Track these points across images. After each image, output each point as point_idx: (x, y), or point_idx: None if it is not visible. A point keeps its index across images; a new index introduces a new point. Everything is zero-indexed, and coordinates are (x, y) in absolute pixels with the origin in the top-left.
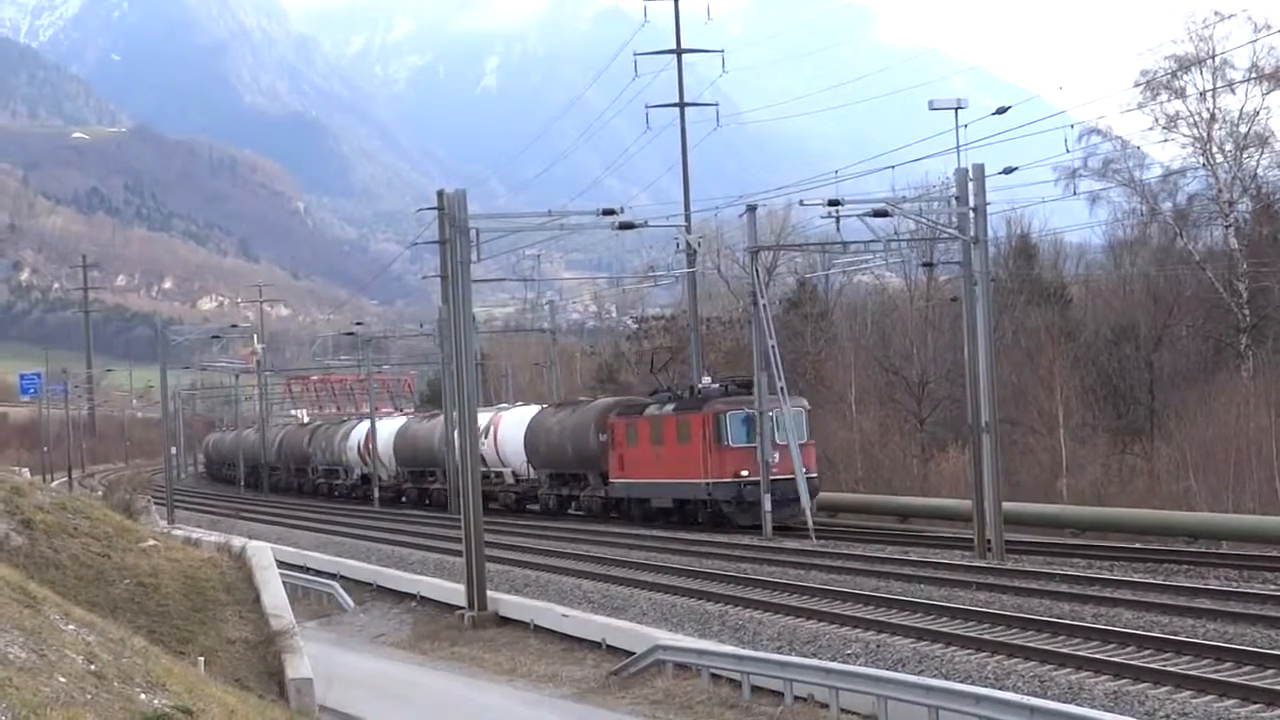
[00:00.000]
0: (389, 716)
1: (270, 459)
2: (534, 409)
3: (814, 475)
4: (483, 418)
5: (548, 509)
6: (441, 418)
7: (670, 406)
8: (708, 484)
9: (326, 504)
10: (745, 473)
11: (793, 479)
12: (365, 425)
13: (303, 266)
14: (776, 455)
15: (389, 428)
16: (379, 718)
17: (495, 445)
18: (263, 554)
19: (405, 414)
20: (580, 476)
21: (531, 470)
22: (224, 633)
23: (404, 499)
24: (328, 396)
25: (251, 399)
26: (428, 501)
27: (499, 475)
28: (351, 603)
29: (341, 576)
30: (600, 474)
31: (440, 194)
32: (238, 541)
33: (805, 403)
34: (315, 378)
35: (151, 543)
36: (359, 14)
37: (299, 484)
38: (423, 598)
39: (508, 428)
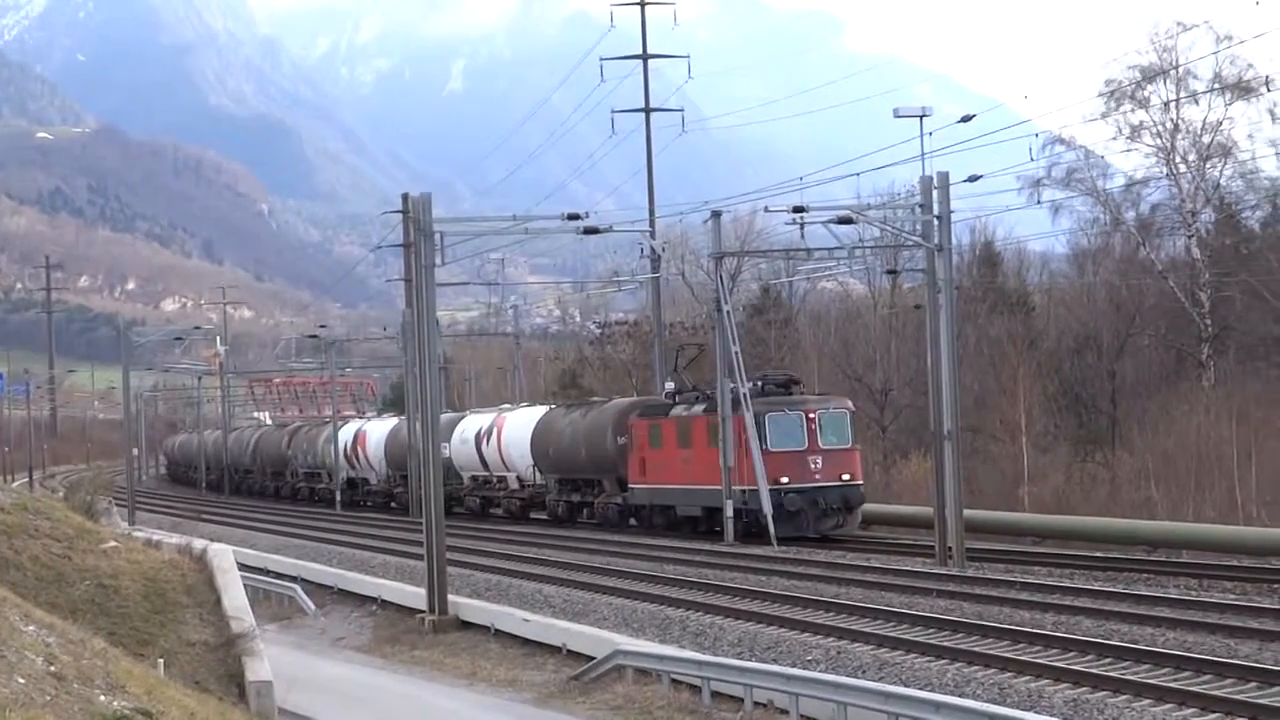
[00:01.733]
0: None
1: (245, 462)
2: (541, 409)
3: (859, 484)
4: (485, 419)
5: (556, 517)
6: (441, 418)
7: (700, 407)
8: (742, 492)
9: (289, 507)
10: (786, 479)
11: (836, 485)
12: (352, 427)
13: (266, 269)
14: (820, 460)
15: (380, 429)
16: None
17: (499, 448)
18: (224, 556)
19: (367, 417)
20: (594, 482)
21: (538, 475)
22: (184, 635)
23: (394, 503)
24: (290, 399)
25: (214, 401)
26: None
27: (501, 480)
28: (312, 606)
29: (303, 579)
30: (617, 480)
31: (405, 197)
32: (199, 544)
33: (849, 404)
34: (278, 380)
35: (112, 544)
36: (325, 16)
37: (276, 488)
38: (384, 601)
39: (512, 429)
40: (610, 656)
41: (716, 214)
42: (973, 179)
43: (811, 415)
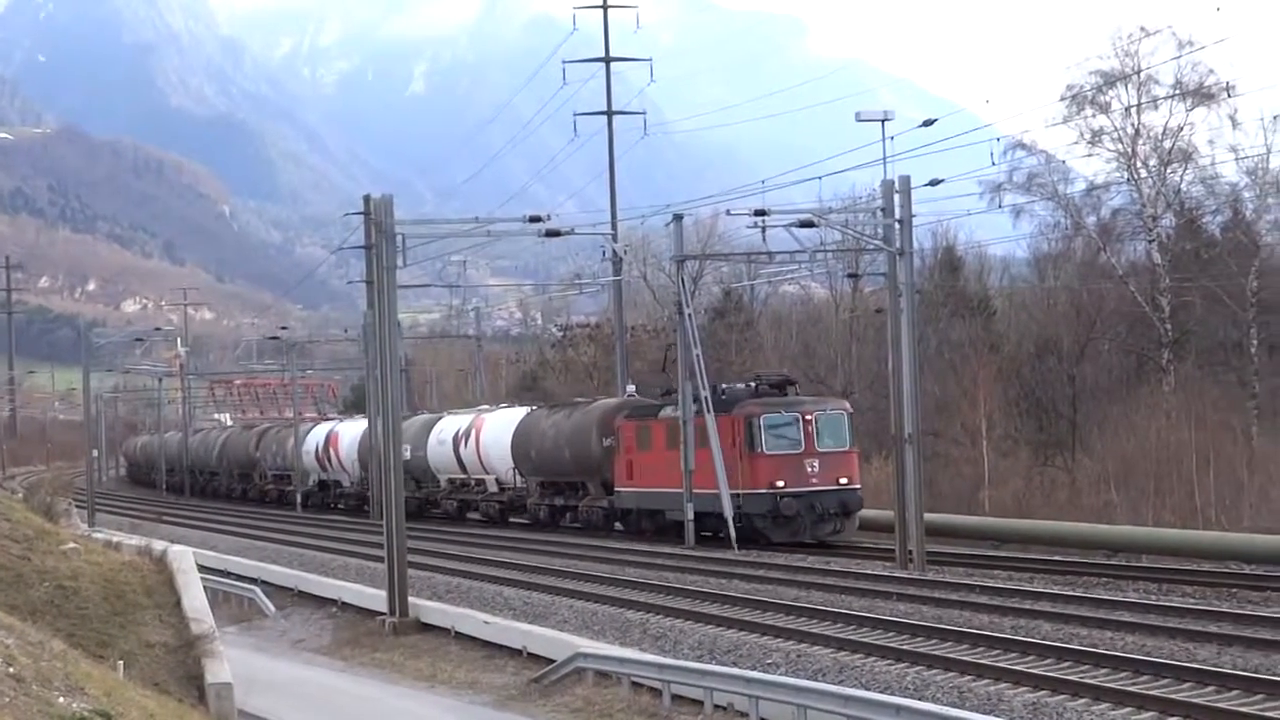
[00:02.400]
0: None
1: (210, 463)
2: (522, 410)
3: (857, 488)
4: (463, 420)
5: (538, 520)
6: (417, 419)
7: (692, 409)
8: (737, 495)
9: (250, 509)
10: (782, 483)
11: (833, 489)
12: (324, 428)
13: (228, 270)
14: (817, 464)
15: (353, 430)
16: None
17: (478, 450)
18: (184, 558)
19: (331, 418)
20: (578, 485)
21: (519, 478)
22: (144, 636)
23: (367, 506)
24: (251, 401)
25: (175, 402)
26: None
27: (480, 483)
28: (273, 608)
29: (263, 581)
30: (602, 483)
31: (367, 199)
32: (159, 545)
33: (847, 405)
34: (239, 382)
35: (72, 545)
36: (287, 17)
37: (243, 490)
38: (344, 603)
39: (492, 431)
40: (571, 659)
41: (678, 217)
42: (934, 183)
43: (808, 417)
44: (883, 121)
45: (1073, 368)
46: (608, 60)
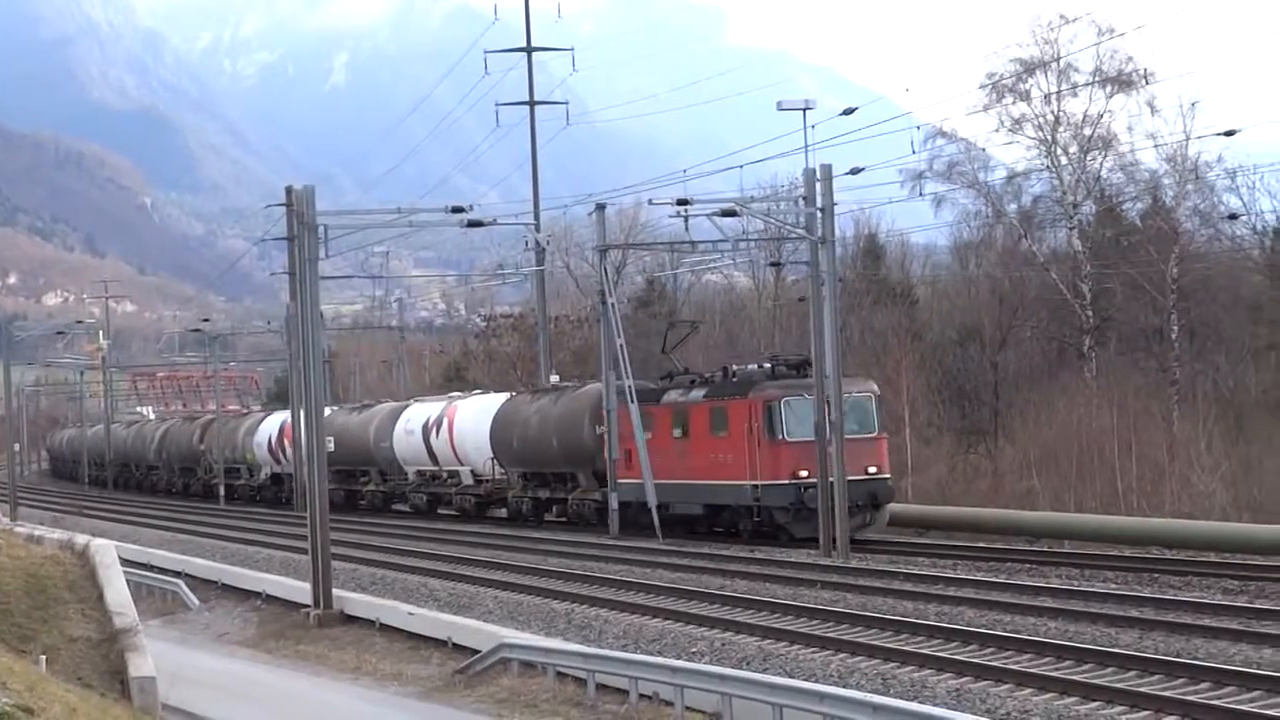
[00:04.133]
0: (233, 715)
1: (148, 457)
2: (500, 396)
3: (887, 477)
4: (433, 408)
5: (520, 514)
6: (381, 408)
7: (701, 392)
8: (755, 487)
9: (175, 502)
10: (805, 473)
11: (861, 479)
12: (277, 419)
13: (149, 262)
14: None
15: None
16: (223, 717)
17: (450, 440)
18: (106, 551)
19: (249, 411)
20: (566, 476)
21: (498, 469)
22: (66, 630)
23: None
24: (174, 393)
25: (97, 396)
26: (360, 504)
27: (453, 475)
28: (196, 601)
29: (186, 574)
30: (594, 473)
31: (288, 190)
32: (81, 539)
33: (874, 387)
34: (161, 374)
35: None
36: (208, 10)
37: (185, 484)
38: (268, 596)
39: (467, 419)
40: (495, 650)
41: (601, 207)
42: (855, 171)
43: None
44: (804, 110)
45: (995, 355)
46: (529, 50)
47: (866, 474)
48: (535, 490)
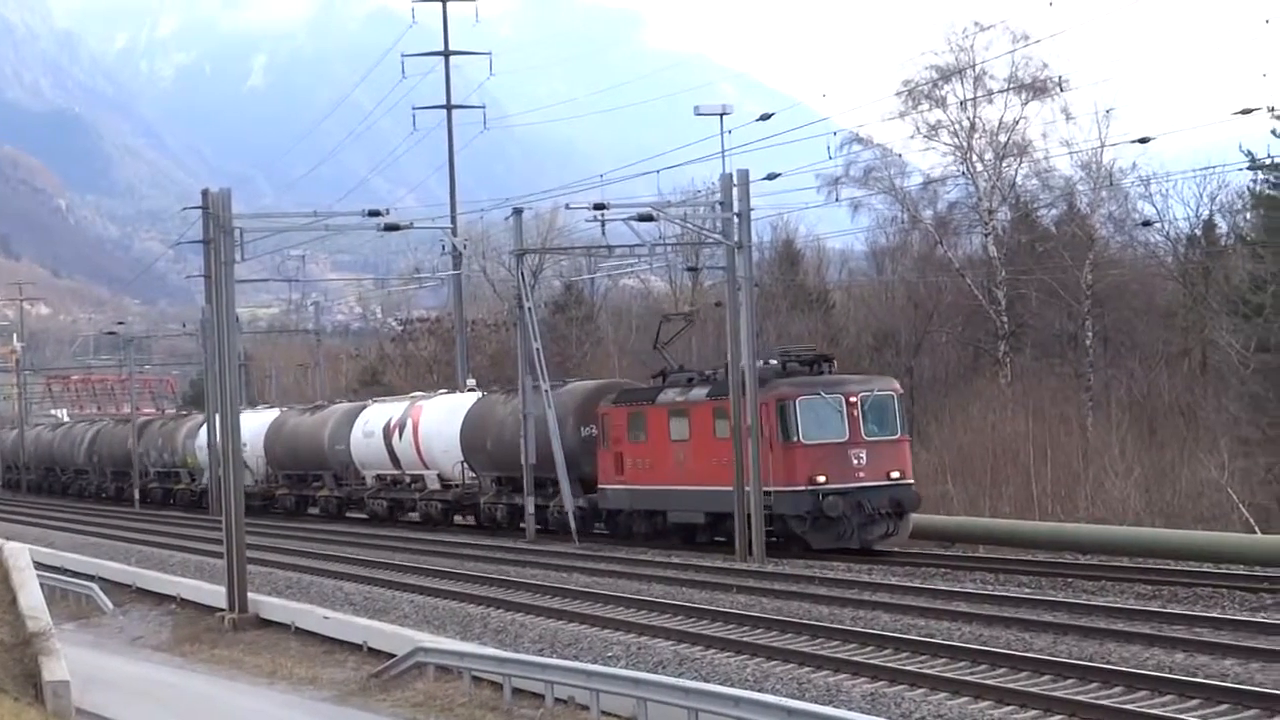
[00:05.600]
0: (147, 719)
1: (77, 461)
2: (471, 396)
3: (911, 483)
4: (394, 409)
5: (493, 521)
6: (336, 409)
7: (702, 390)
8: (766, 493)
9: (88, 505)
10: (824, 478)
11: (884, 485)
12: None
13: (64, 264)
14: (864, 455)
15: (258, 422)
16: None
17: (416, 442)
18: (19, 555)
19: (165, 414)
20: (546, 481)
21: (467, 473)
22: None
23: (276, 506)
24: (89, 396)
25: (10, 399)
26: (313, 510)
27: (418, 480)
28: (110, 605)
29: (101, 578)
30: (578, 479)
31: (205, 193)
32: None
33: (896, 385)
34: (76, 377)
35: None
36: (124, 10)
37: (117, 489)
38: (183, 599)
39: (434, 420)
40: (411, 654)
41: (518, 211)
42: (772, 177)
43: (853, 399)
44: (721, 115)
45: (910, 360)
46: (446, 54)
47: (889, 479)
48: (510, 496)
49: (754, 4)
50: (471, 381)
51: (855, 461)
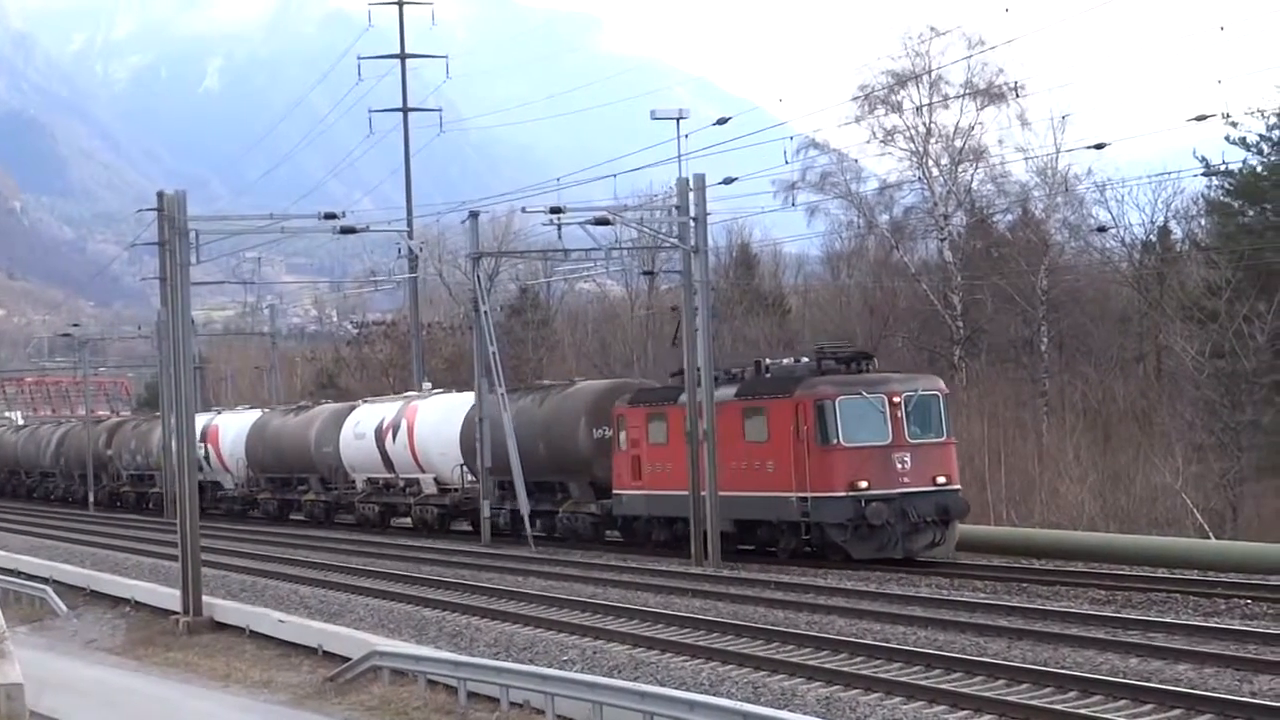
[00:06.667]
0: None
1: (43, 464)
2: (469, 397)
3: (958, 488)
4: (387, 409)
5: (497, 529)
6: (324, 409)
7: (730, 390)
8: (803, 499)
9: (45, 508)
10: (866, 484)
11: (930, 491)
12: (201, 420)
13: (18, 266)
14: (908, 459)
15: (239, 423)
16: None
17: (411, 444)
18: None
19: (124, 415)
20: (555, 486)
21: (467, 477)
22: None
23: (257, 511)
24: (43, 398)
25: None
26: (297, 515)
27: (412, 484)
28: (64, 607)
29: (54, 580)
30: (590, 484)
31: (160, 195)
32: None
33: (941, 384)
34: (30, 379)
35: None
36: (80, 12)
37: (87, 493)
38: (137, 603)
39: (431, 421)
40: (366, 657)
41: (474, 214)
42: (728, 181)
43: (896, 399)
44: (678, 119)
45: None
46: (403, 57)
47: (934, 485)
48: (515, 501)
49: (711, 9)
50: (428, 385)
51: (899, 466)
